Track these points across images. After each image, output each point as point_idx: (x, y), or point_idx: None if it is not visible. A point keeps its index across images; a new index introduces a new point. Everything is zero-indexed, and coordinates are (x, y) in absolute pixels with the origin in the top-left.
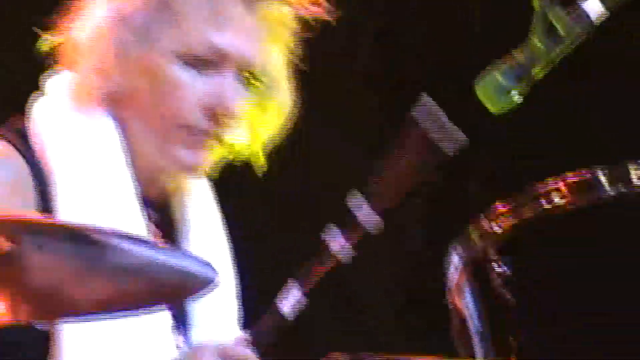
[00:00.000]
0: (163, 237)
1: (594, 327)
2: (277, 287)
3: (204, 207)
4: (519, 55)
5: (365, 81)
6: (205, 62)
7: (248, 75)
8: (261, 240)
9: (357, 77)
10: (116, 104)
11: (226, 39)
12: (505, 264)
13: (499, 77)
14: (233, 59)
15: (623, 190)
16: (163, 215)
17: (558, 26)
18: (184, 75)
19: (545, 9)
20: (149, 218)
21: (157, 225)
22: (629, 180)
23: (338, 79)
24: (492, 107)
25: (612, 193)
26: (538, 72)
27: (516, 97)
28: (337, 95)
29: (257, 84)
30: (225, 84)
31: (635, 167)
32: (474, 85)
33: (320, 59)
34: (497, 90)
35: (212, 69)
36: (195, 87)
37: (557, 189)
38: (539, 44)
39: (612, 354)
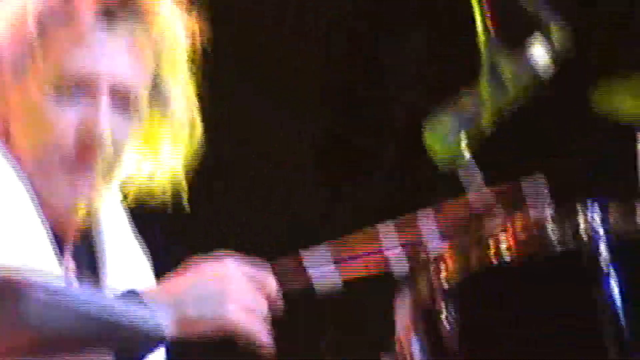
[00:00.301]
0: (83, 274)
1: None
2: None
3: (118, 236)
4: (467, 102)
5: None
6: (75, 90)
7: (129, 99)
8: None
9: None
10: (7, 140)
11: (89, 65)
12: (452, 312)
13: (447, 123)
14: (101, 84)
15: (571, 238)
16: (82, 252)
17: (505, 74)
18: (54, 106)
19: (493, 56)
20: (72, 258)
21: (76, 265)
22: (576, 225)
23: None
24: (440, 152)
25: (560, 241)
26: (485, 118)
27: (464, 143)
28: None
29: (143, 107)
30: (96, 111)
31: (581, 211)
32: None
33: None
34: (445, 136)
35: (84, 97)
36: (66, 117)
37: (505, 237)
38: (486, 91)
39: None
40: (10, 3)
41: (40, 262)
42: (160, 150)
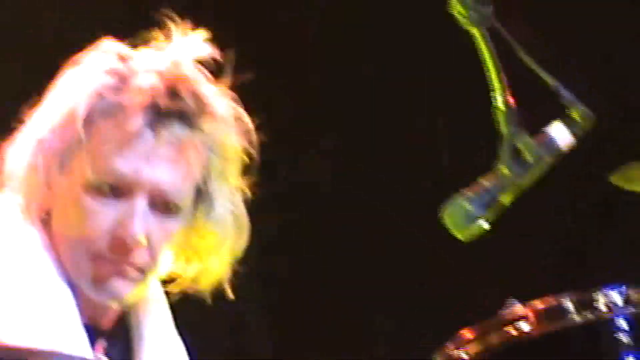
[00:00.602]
0: None
1: None
2: None
3: (155, 326)
4: (487, 183)
5: None
6: (115, 189)
7: (170, 203)
8: None
9: None
10: (47, 225)
11: (131, 168)
12: None
13: (466, 205)
14: (140, 187)
15: (590, 317)
16: (117, 342)
17: (525, 153)
18: (93, 204)
19: (513, 135)
20: (104, 346)
21: (109, 354)
22: (595, 308)
23: None
24: (459, 234)
25: (578, 320)
26: (506, 198)
27: (484, 224)
28: None
29: (186, 210)
30: (134, 211)
31: (602, 294)
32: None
33: None
34: (465, 218)
35: (123, 197)
36: (102, 213)
37: (524, 316)
38: (506, 171)
39: None
40: (64, 99)
41: (71, 348)
42: (205, 254)
